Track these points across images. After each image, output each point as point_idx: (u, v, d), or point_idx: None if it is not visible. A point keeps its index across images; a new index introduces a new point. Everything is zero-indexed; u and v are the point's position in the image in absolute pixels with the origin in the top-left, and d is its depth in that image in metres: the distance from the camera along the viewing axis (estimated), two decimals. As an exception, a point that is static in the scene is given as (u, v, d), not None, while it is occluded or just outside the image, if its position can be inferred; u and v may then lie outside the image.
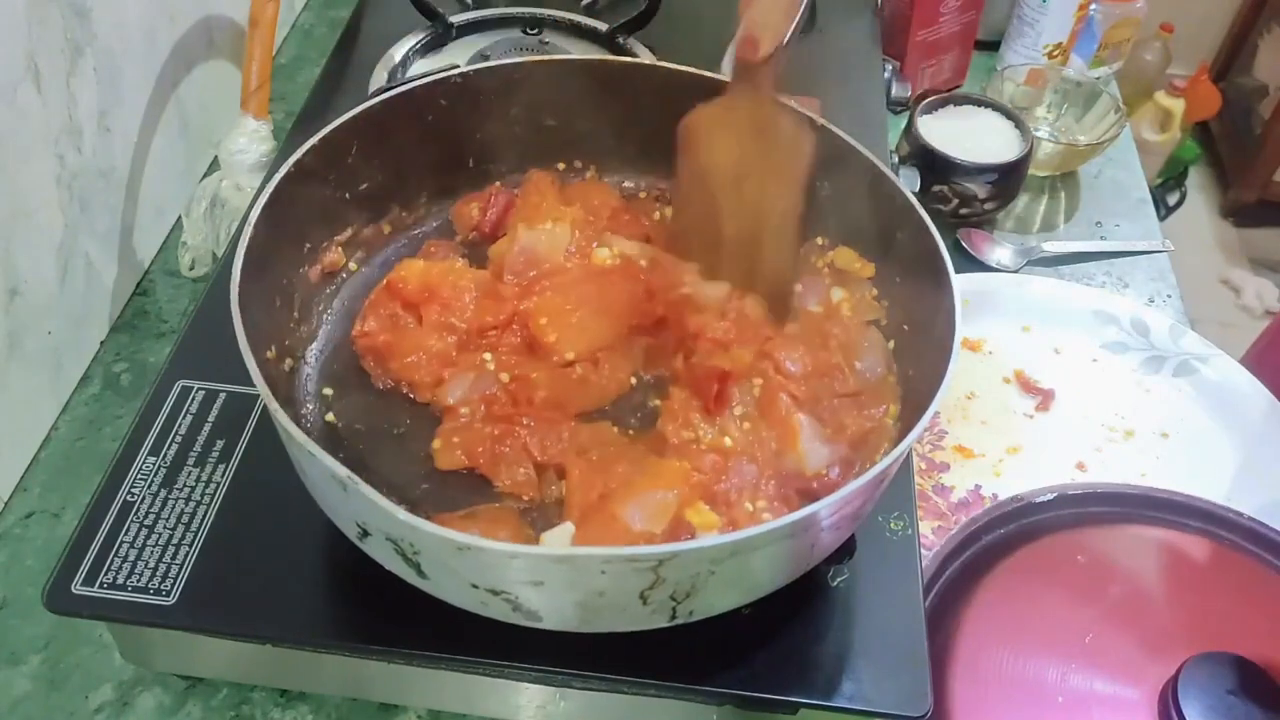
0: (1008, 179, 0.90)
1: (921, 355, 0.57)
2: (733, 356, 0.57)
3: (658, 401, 0.59)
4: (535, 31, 0.89)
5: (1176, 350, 0.84)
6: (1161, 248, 0.95)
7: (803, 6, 0.55)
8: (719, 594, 0.47)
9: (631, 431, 0.58)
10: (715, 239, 0.61)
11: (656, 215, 0.68)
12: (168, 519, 0.55)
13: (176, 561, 0.53)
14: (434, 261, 0.64)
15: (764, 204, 0.59)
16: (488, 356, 0.59)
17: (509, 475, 0.55)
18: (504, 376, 0.59)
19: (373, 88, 0.83)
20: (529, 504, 0.55)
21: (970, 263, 0.92)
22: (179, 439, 0.58)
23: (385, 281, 0.62)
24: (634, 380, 0.61)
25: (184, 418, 0.59)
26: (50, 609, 0.52)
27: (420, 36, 0.87)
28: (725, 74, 0.66)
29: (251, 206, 0.53)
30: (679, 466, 0.53)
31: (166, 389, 0.60)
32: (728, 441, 0.55)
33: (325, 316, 0.62)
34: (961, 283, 0.53)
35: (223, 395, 0.60)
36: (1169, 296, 0.91)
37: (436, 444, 0.57)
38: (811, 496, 0.54)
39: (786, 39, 0.55)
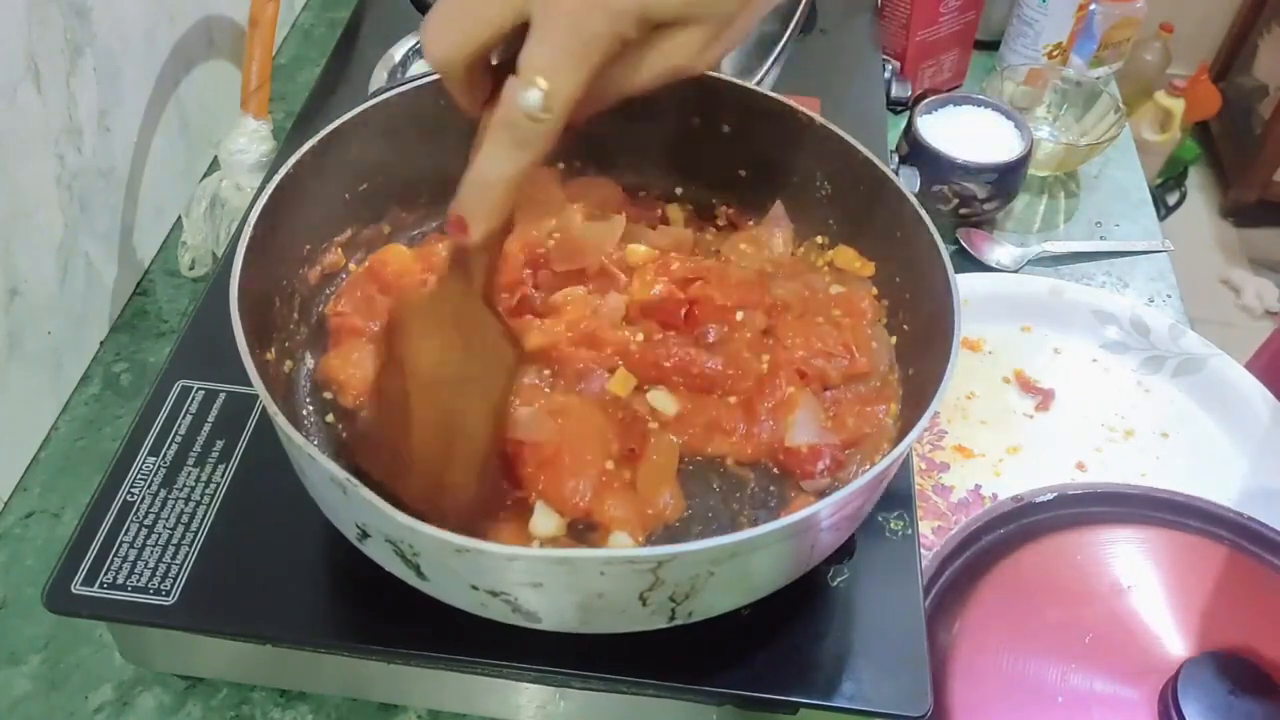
0: (1008, 179, 0.90)
1: (921, 355, 0.57)
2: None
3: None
4: (535, 31, 0.89)
5: (1176, 350, 0.84)
6: (1161, 248, 0.95)
7: (516, 193, 0.44)
8: (719, 595, 0.47)
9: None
10: (404, 434, 0.51)
11: (659, 212, 0.69)
12: (168, 519, 0.55)
13: (176, 561, 0.53)
14: (421, 248, 0.64)
15: (455, 412, 0.50)
16: None
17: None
18: None
19: (373, 88, 0.83)
20: None
21: (970, 263, 0.92)
22: (179, 439, 0.58)
23: (368, 262, 0.63)
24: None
25: (184, 418, 0.59)
26: (50, 609, 0.52)
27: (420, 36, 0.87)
28: (725, 73, 0.66)
29: (251, 206, 0.53)
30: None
31: (166, 389, 0.60)
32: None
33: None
34: (961, 283, 0.53)
35: (223, 395, 0.60)
36: (1169, 296, 0.91)
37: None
38: (776, 463, 0.56)
39: (503, 229, 0.46)
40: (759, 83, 0.74)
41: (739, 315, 0.60)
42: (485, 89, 0.43)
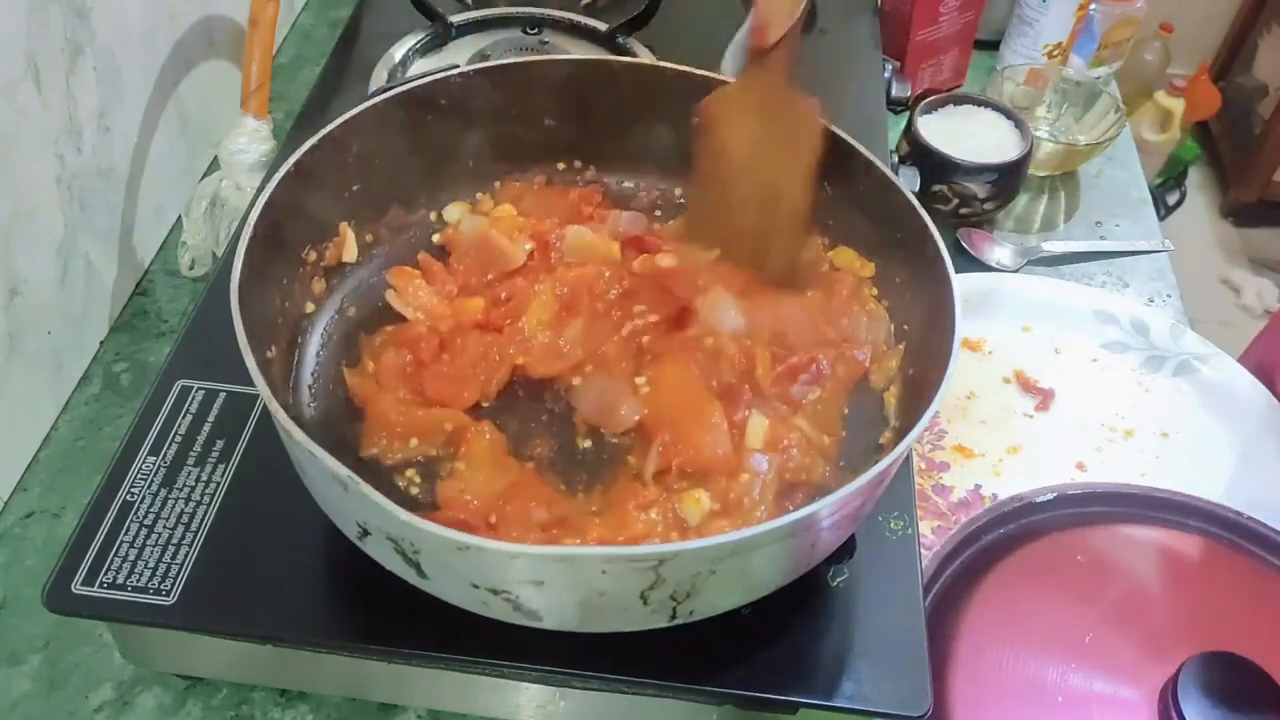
0: (1008, 179, 0.90)
1: (921, 355, 0.57)
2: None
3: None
4: (535, 31, 0.89)
5: (1176, 350, 0.84)
6: (1161, 248, 0.95)
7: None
8: (719, 594, 0.47)
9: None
10: (727, 222, 0.62)
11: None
12: (168, 519, 0.55)
13: (176, 561, 0.53)
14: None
15: (773, 190, 0.60)
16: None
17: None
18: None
19: (373, 88, 0.83)
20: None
21: (970, 263, 0.92)
22: (179, 439, 0.58)
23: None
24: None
25: (184, 418, 0.59)
26: (50, 609, 0.52)
27: (420, 36, 0.87)
28: (726, 73, 0.66)
29: (252, 206, 0.53)
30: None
31: (166, 389, 0.60)
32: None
33: (325, 316, 0.62)
34: (961, 283, 0.53)
35: (223, 395, 0.60)
36: (1169, 296, 0.91)
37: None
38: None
39: (797, 23, 0.57)
40: (759, 83, 0.74)
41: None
42: None
